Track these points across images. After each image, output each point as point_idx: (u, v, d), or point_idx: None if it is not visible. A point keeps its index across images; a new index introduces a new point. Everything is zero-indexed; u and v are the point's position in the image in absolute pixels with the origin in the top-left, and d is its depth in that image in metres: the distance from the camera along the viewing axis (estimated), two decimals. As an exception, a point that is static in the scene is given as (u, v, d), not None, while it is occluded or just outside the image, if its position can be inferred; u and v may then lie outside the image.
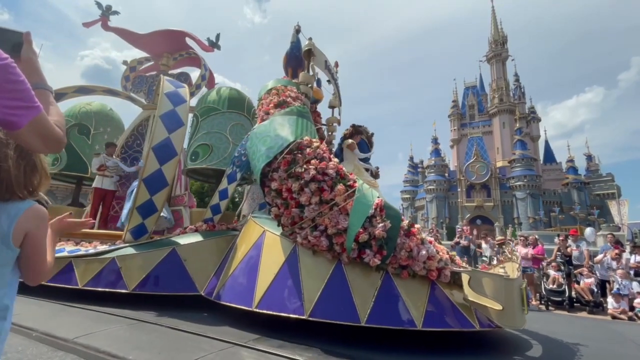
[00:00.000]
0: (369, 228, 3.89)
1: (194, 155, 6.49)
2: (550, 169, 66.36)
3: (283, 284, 4.21)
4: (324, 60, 5.83)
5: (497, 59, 71.74)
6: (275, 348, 3.47)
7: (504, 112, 69.39)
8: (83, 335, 3.48)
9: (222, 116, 6.63)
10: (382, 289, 3.95)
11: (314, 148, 4.34)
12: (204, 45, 7.95)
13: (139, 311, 4.52)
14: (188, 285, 5.05)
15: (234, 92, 6.91)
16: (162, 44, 7.62)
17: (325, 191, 4.04)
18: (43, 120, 1.06)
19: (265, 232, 4.81)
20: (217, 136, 6.51)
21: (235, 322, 4.27)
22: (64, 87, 6.81)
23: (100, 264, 5.13)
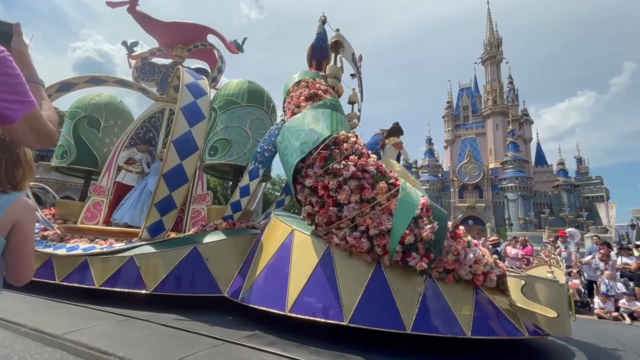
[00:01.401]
0: (415, 229, 3.59)
1: (212, 151, 6.12)
2: (542, 171, 66.80)
3: (318, 287, 3.90)
4: (352, 53, 5.51)
5: (491, 61, 71.86)
6: (266, 345, 3.40)
7: (498, 114, 69.62)
8: (72, 331, 3.36)
9: (241, 110, 6.27)
10: (426, 294, 3.67)
11: (352, 143, 4.03)
12: (231, 47, 7.63)
13: (128, 309, 4.27)
14: (211, 286, 4.72)
15: (253, 84, 6.55)
16: (178, 35, 7.22)
17: (366, 189, 3.73)
18: (37, 115, 1.05)
19: (294, 231, 4.50)
20: (237, 131, 6.15)
21: (227, 319, 4.19)
22: (75, 77, 6.40)
23: (117, 262, 4.78)
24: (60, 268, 4.86)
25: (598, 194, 58.04)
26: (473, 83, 78.83)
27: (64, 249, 5.03)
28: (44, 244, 5.25)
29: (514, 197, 59.61)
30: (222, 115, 6.22)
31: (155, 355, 2.96)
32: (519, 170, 60.21)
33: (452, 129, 74.24)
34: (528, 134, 69.39)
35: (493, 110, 70.18)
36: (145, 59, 7.58)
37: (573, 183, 59.95)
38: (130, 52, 7.87)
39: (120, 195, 6.49)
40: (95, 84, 6.63)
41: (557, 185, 60.82)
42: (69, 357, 2.95)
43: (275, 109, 6.79)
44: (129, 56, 7.86)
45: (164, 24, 7.09)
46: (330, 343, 3.54)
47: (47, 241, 5.34)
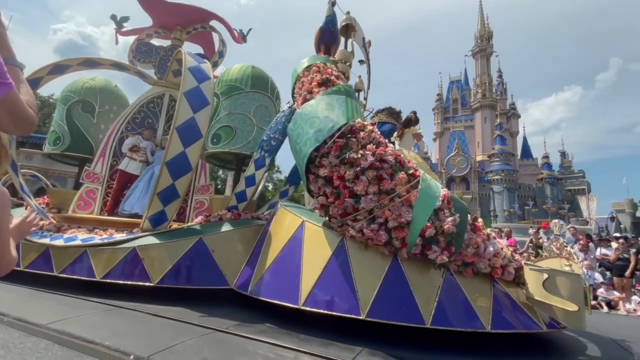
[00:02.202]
0: (436, 222, 3.44)
1: (215, 138, 5.85)
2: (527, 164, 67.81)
3: (332, 280, 3.75)
4: (362, 38, 5.27)
5: (482, 54, 72.00)
6: (256, 334, 3.37)
7: (486, 108, 70.12)
8: (57, 320, 3.27)
9: (245, 96, 5.98)
10: (444, 287, 3.55)
11: (368, 132, 3.83)
12: (236, 36, 7.25)
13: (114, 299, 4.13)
14: (218, 279, 4.53)
15: (257, 70, 6.26)
16: (178, 16, 6.79)
17: (384, 180, 3.56)
18: (15, 98, 1.00)
19: (305, 222, 4.31)
20: (241, 118, 5.88)
21: (215, 309, 4.12)
22: (68, 59, 5.98)
23: (119, 254, 4.53)
24: (58, 259, 4.59)
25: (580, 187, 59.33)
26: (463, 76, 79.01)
27: (62, 240, 4.74)
28: (39, 234, 4.95)
29: (500, 189, 60.53)
30: (225, 102, 5.94)
31: (143, 344, 2.88)
32: (505, 163, 61.05)
33: (442, 122, 74.53)
34: (515, 128, 70.19)
35: (482, 103, 70.63)
36: (141, 40, 7.12)
37: (556, 176, 61.12)
38: (119, 27, 7.25)
39: (124, 184, 6.17)
40: (89, 66, 6.23)
41: (541, 178, 61.93)
42: (53, 347, 2.86)
43: (279, 96, 6.52)
44: (118, 32, 7.24)
45: (166, 3, 6.65)
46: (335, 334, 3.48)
47: (43, 231, 5.04)
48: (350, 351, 3.10)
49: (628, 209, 53.09)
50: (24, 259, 4.71)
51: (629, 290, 8.27)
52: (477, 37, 73.84)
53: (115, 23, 6.99)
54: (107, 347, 2.77)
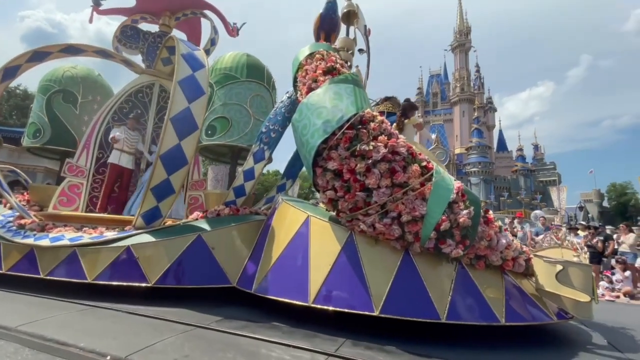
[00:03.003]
0: (450, 215, 3.31)
1: (210, 130, 5.53)
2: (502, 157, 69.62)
3: (342, 276, 3.59)
4: (364, 25, 5.04)
5: (460, 49, 72.88)
6: (238, 329, 3.28)
7: (465, 101, 71.30)
8: (27, 322, 3.10)
9: (240, 85, 5.67)
10: (457, 281, 3.45)
11: (379, 122, 3.65)
12: (229, 29, 6.82)
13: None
14: (219, 277, 4.29)
15: (252, 58, 5.94)
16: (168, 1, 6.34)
17: (397, 173, 3.39)
18: None
19: (310, 217, 4.11)
20: (237, 108, 5.57)
21: (196, 304, 3.95)
22: (48, 45, 5.47)
23: (112, 253, 4.20)
24: (45, 261, 4.21)
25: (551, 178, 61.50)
26: (443, 70, 79.92)
27: (47, 240, 4.36)
28: (22, 234, 4.54)
29: (477, 181, 61.95)
30: (220, 91, 5.62)
31: (120, 344, 2.74)
32: (482, 155, 62.47)
33: (422, 115, 75.25)
34: (492, 121, 71.81)
35: (460, 97, 71.77)
36: (126, 26, 6.61)
37: (529, 168, 63.06)
38: (97, 4, 6.67)
39: (116, 179, 5.74)
40: (71, 53, 5.73)
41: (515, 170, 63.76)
42: (24, 350, 2.68)
43: (275, 85, 6.23)
44: (95, 9, 6.67)
45: None
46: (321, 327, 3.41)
47: (26, 231, 4.62)
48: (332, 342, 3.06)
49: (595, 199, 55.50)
50: (5, 260, 4.31)
51: (598, 276, 8.48)
52: (456, 32, 74.63)
53: (93, 0, 6.43)
54: (82, 349, 2.62)
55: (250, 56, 5.97)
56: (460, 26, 73.93)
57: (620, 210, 53.13)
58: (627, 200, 54.06)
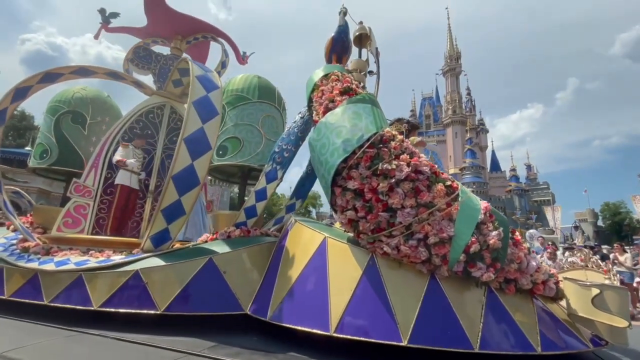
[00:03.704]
0: (479, 236, 3.12)
1: (221, 150, 5.38)
2: (496, 177, 70.05)
3: (366, 302, 3.34)
4: (376, 48, 5.02)
5: (451, 73, 74.68)
6: (232, 356, 3.11)
7: (457, 123, 72.38)
8: (12, 349, 2.93)
9: (252, 106, 5.57)
10: (488, 307, 3.21)
11: (399, 141, 3.51)
12: (240, 57, 6.85)
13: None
14: (230, 303, 4.00)
15: (263, 80, 5.89)
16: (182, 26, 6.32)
17: (421, 192, 3.22)
18: None
19: (327, 239, 3.90)
20: (248, 129, 5.45)
21: (188, 330, 3.72)
22: (60, 67, 5.39)
23: (119, 278, 3.93)
24: (49, 286, 3.93)
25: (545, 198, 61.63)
26: (435, 93, 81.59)
27: (52, 264, 4.09)
28: (26, 257, 4.27)
29: (473, 200, 61.89)
30: (232, 112, 5.51)
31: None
32: (475, 175, 62.77)
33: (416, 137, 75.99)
34: (484, 142, 72.66)
35: (453, 119, 72.90)
36: (139, 47, 6.54)
37: (523, 188, 63.29)
38: (106, 22, 6.63)
39: (128, 200, 5.50)
40: (82, 75, 5.65)
41: (509, 190, 63.95)
42: None
43: (285, 106, 6.15)
44: (104, 26, 6.61)
45: (176, 13, 6.09)
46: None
47: (30, 254, 4.35)
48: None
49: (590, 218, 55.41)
50: (8, 285, 4.03)
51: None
52: (446, 57, 76.71)
53: (103, 17, 6.39)
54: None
55: (261, 78, 5.92)
56: (450, 51, 76.06)
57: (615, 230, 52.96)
58: (622, 219, 54.01)
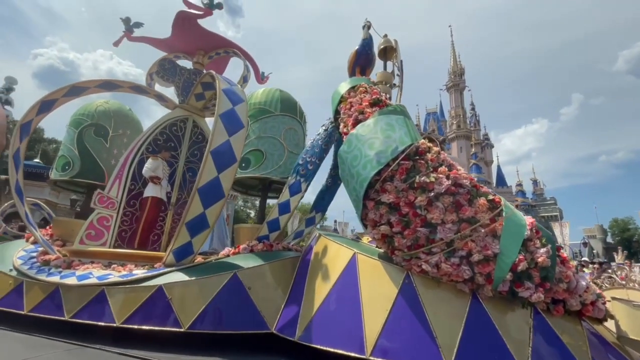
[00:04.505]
0: (525, 254, 2.88)
1: (244, 163, 5.25)
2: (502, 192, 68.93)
3: (403, 324, 3.10)
4: (400, 60, 4.91)
5: (455, 89, 74.65)
6: None
7: (461, 138, 71.98)
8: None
9: (274, 119, 5.48)
10: (536, 329, 2.95)
11: (435, 153, 3.32)
12: (259, 76, 6.82)
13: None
14: (256, 321, 3.77)
15: (285, 93, 5.81)
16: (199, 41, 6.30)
17: (463, 207, 3.01)
18: None
19: (357, 255, 3.68)
20: (271, 141, 5.33)
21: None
22: (85, 81, 5.37)
23: (142, 293, 3.74)
24: (70, 301, 3.75)
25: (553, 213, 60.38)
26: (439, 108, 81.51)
27: (74, 277, 3.92)
28: (47, 271, 4.11)
29: (479, 215, 60.88)
30: (254, 125, 5.40)
31: None
32: (482, 190, 61.85)
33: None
34: (489, 157, 72.00)
35: (457, 134, 72.56)
36: (165, 60, 6.48)
37: (530, 203, 62.06)
38: (129, 31, 6.49)
39: (157, 213, 5.36)
40: (107, 88, 5.62)
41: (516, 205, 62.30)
42: None
43: (306, 119, 6.04)
44: (126, 35, 6.48)
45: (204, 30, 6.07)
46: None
47: (51, 267, 4.19)
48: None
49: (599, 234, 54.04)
50: (27, 300, 3.86)
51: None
52: (450, 73, 76.86)
53: (126, 26, 6.36)
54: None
55: (283, 91, 5.84)
56: (454, 67, 76.29)
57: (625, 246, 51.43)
58: (631, 236, 52.52)
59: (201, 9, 5.72)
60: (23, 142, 4.86)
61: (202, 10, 5.71)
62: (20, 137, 4.80)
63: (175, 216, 5.89)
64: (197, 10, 5.74)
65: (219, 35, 6.43)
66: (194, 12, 5.76)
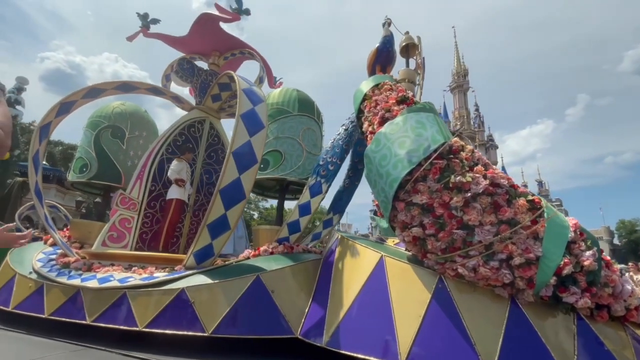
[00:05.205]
0: (570, 257, 2.70)
1: (262, 164, 5.11)
2: (507, 192, 68.09)
3: (438, 330, 2.94)
4: (423, 58, 4.75)
5: (459, 90, 73.80)
6: None
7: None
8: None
9: (292, 119, 5.34)
10: (580, 337, 2.77)
11: (469, 152, 3.16)
12: (272, 81, 6.73)
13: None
14: (280, 326, 3.63)
15: (302, 93, 5.68)
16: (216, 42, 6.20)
17: (502, 208, 2.83)
18: None
19: (385, 258, 3.51)
20: (289, 142, 5.19)
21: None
22: (104, 82, 5.29)
23: (164, 297, 3.61)
24: (92, 305, 3.63)
25: (558, 214, 59.25)
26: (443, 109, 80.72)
27: (95, 280, 3.81)
28: (67, 273, 4.01)
29: (484, 216, 60.24)
30: (272, 125, 5.27)
31: None
32: (487, 191, 61.25)
33: (426, 153, 75.02)
34: (494, 158, 71.12)
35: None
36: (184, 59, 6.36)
37: (536, 204, 61.24)
38: (146, 27, 6.40)
39: (180, 215, 5.25)
40: (125, 90, 5.53)
41: (521, 205, 61.80)
42: None
43: (322, 119, 5.89)
44: (143, 30, 6.39)
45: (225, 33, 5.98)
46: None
47: (71, 270, 4.09)
48: None
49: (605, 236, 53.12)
50: (48, 303, 3.75)
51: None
52: (454, 74, 76.15)
53: (143, 22, 6.25)
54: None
55: (300, 91, 5.71)
56: (457, 69, 75.56)
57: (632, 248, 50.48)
58: (638, 238, 51.51)
59: (230, 14, 5.67)
60: (42, 143, 4.78)
61: (230, 15, 5.66)
62: (40, 139, 4.71)
63: (193, 218, 5.77)
64: (226, 14, 5.68)
65: (236, 38, 6.33)
66: (222, 16, 5.70)
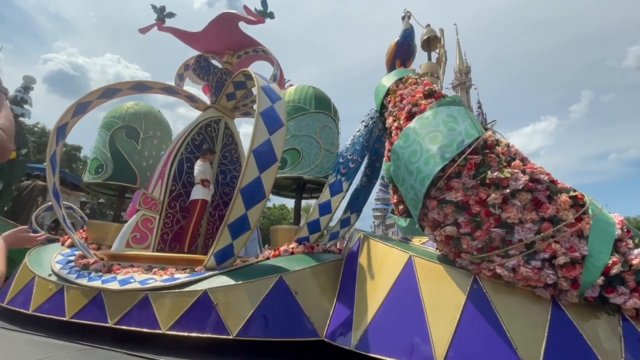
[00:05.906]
0: (617, 256, 2.52)
1: (280, 162, 4.95)
2: (512, 190, 67.37)
3: (475, 333, 2.77)
4: (445, 51, 4.57)
5: (461, 87, 73.10)
6: None
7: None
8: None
9: (309, 117, 5.20)
10: (627, 339, 2.58)
11: (505, 146, 2.99)
12: (282, 81, 6.61)
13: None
14: (305, 328, 3.49)
15: (318, 90, 5.55)
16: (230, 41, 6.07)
17: (543, 204, 2.66)
18: None
19: (413, 258, 3.35)
20: (307, 140, 5.05)
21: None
22: (119, 82, 5.18)
23: (187, 298, 3.48)
24: (114, 307, 3.51)
25: (563, 210, 58.58)
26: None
27: (116, 282, 3.69)
28: (87, 275, 3.89)
29: (489, 213, 59.67)
30: (289, 123, 5.12)
31: None
32: (492, 189, 60.66)
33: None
34: (498, 157, 70.49)
35: (466, 134, 71.09)
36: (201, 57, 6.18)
37: (541, 201, 60.56)
38: (161, 20, 6.24)
39: (203, 216, 5.13)
40: (140, 90, 5.42)
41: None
42: None
43: (339, 117, 5.74)
44: (158, 24, 6.23)
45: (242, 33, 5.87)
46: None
47: (91, 272, 3.98)
48: None
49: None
50: (69, 306, 3.64)
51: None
52: (456, 72, 75.44)
53: (158, 15, 6.11)
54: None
55: (316, 88, 5.57)
56: (460, 66, 74.82)
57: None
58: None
59: (255, 16, 5.56)
60: (59, 145, 4.67)
61: (256, 18, 5.55)
62: (57, 140, 4.61)
63: (210, 218, 5.65)
64: (252, 16, 5.58)
65: (250, 36, 6.20)
66: (248, 18, 5.60)
